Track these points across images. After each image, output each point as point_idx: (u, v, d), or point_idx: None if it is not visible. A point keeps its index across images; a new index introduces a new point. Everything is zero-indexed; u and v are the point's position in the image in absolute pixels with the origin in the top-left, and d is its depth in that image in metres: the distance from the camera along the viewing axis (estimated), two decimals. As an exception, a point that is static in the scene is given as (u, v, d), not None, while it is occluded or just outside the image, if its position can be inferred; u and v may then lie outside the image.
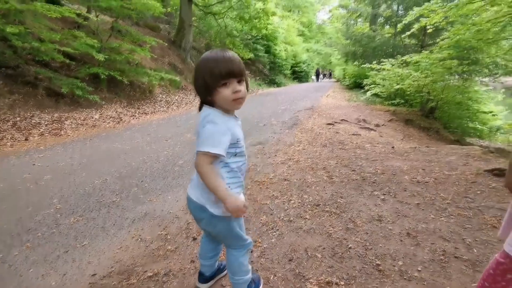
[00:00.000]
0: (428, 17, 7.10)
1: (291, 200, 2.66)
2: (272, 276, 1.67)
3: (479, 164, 3.50)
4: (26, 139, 4.83)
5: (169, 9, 14.35)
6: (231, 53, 1.16)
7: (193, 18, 13.34)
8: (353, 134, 5.80)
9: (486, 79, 11.19)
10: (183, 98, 10.50)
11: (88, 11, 8.70)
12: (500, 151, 6.27)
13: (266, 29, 16.50)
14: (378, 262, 1.77)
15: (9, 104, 5.58)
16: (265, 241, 2.01)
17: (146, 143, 4.75)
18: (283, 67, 23.38)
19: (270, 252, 1.89)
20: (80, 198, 2.76)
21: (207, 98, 1.18)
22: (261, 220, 2.30)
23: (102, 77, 7.27)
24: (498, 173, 3.00)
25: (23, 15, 6.21)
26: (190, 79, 11.71)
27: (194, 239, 2.06)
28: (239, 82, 1.16)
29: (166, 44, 11.43)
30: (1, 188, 2.98)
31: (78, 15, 7.12)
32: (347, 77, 22.71)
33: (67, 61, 6.74)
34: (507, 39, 8.01)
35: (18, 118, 5.38)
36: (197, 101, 1.30)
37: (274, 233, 2.11)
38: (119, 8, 8.23)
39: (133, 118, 7.17)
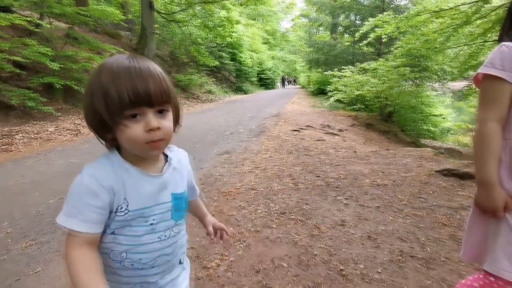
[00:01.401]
0: (382, 27, 7.62)
1: (258, 209, 2.68)
2: (239, 290, 1.66)
3: (431, 165, 3.77)
4: (-31, 157, 4.42)
5: (130, 16, 13.96)
6: (147, 64, 0.66)
7: (156, 26, 13.06)
8: (318, 140, 5.99)
9: (436, 85, 12.24)
10: (147, 107, 10.19)
11: (41, 18, 8.20)
12: (450, 152, 6.81)
13: (231, 37, 16.66)
14: (341, 267, 1.83)
15: None
16: (232, 254, 1.99)
17: (107, 157, 4.53)
18: (249, 74, 23.64)
19: (236, 265, 1.88)
20: (32, 220, 2.56)
21: (105, 136, 0.68)
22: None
23: (57, 87, 6.89)
24: (447, 173, 3.25)
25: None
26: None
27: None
28: (161, 112, 0.67)
29: (128, 52, 11.08)
30: None
31: (29, 22, 6.69)
32: (311, 83, 23.51)
33: (18, 70, 6.30)
34: (451, 48, 8.79)
35: (-41, 134, 4.91)
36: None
37: (241, 245, 2.10)
38: (74, 14, 7.88)
39: (93, 130, 6.81)
